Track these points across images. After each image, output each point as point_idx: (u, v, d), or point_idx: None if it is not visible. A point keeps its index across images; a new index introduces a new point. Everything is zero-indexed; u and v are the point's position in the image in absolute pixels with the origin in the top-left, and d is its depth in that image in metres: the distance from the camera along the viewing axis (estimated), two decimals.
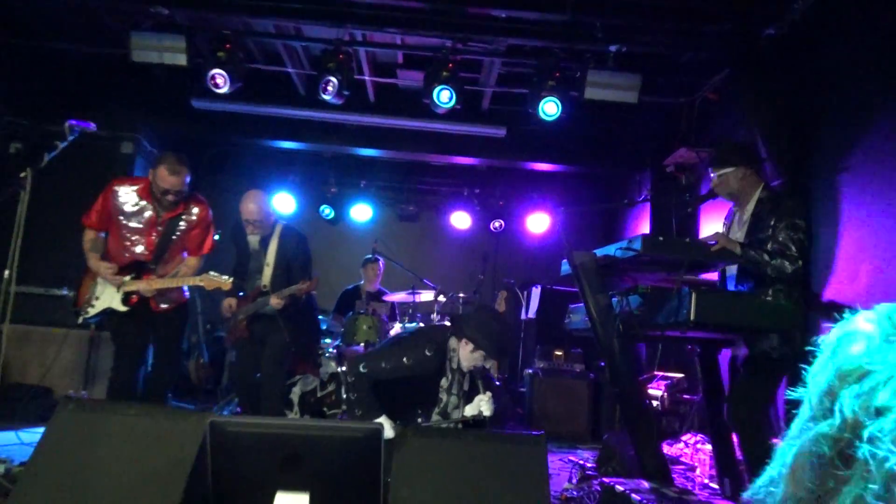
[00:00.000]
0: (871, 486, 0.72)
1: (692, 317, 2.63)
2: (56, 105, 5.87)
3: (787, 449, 0.90)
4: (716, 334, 3.18)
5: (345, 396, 3.40)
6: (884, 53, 3.76)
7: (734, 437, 3.41)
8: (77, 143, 3.50)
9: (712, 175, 3.48)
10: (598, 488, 3.27)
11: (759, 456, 3.16)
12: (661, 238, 2.88)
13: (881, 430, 0.74)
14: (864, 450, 0.75)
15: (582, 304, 3.39)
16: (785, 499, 0.85)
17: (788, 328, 2.91)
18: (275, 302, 4.10)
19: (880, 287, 3.60)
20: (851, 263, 3.86)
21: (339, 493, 2.08)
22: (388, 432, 3.09)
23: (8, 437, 4.15)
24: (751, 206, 3.39)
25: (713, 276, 3.65)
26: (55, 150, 3.40)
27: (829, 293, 4.00)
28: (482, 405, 3.36)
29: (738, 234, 3.41)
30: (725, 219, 3.68)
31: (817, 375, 0.89)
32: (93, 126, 3.52)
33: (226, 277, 3.90)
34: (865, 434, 0.75)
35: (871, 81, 3.87)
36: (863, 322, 0.88)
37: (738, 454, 3.44)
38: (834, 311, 3.35)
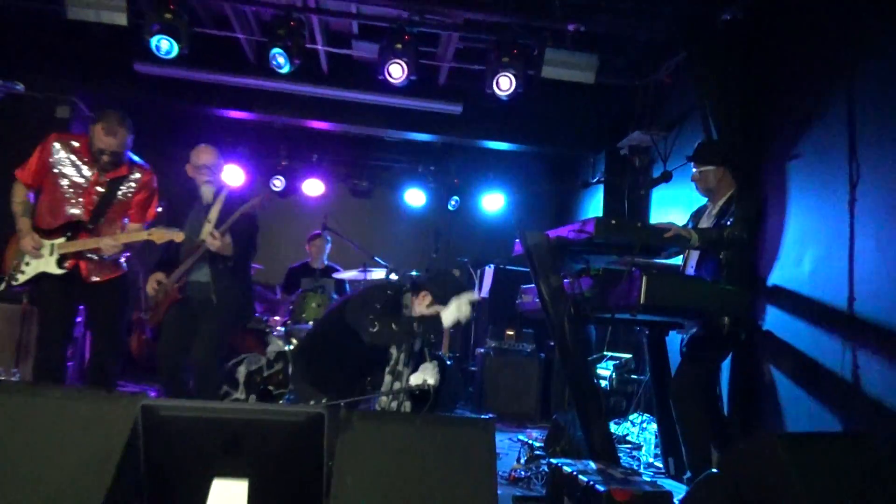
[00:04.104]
0: None
1: (642, 300, 2.63)
2: None
3: None
4: (665, 317, 3.21)
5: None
6: (835, 43, 3.80)
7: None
8: (8, 105, 3.28)
9: (693, 169, 3.70)
10: (546, 469, 3.28)
11: (694, 433, 3.27)
12: (613, 221, 2.86)
13: None
14: None
15: (533, 285, 3.37)
16: None
17: (736, 312, 2.95)
18: (211, 241, 3.65)
19: (822, 273, 3.68)
20: (796, 249, 3.93)
21: (281, 480, 2.01)
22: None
23: None
24: (721, 202, 3.64)
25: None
26: None
27: (775, 278, 4.07)
28: (426, 374, 3.26)
29: (705, 225, 3.62)
30: (693, 215, 3.86)
31: None
32: (20, 87, 3.31)
33: (176, 230, 3.64)
34: None
35: (823, 70, 3.91)
36: None
37: None
38: (779, 295, 3.43)
